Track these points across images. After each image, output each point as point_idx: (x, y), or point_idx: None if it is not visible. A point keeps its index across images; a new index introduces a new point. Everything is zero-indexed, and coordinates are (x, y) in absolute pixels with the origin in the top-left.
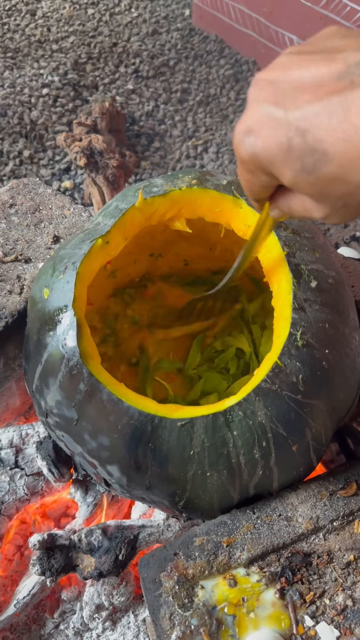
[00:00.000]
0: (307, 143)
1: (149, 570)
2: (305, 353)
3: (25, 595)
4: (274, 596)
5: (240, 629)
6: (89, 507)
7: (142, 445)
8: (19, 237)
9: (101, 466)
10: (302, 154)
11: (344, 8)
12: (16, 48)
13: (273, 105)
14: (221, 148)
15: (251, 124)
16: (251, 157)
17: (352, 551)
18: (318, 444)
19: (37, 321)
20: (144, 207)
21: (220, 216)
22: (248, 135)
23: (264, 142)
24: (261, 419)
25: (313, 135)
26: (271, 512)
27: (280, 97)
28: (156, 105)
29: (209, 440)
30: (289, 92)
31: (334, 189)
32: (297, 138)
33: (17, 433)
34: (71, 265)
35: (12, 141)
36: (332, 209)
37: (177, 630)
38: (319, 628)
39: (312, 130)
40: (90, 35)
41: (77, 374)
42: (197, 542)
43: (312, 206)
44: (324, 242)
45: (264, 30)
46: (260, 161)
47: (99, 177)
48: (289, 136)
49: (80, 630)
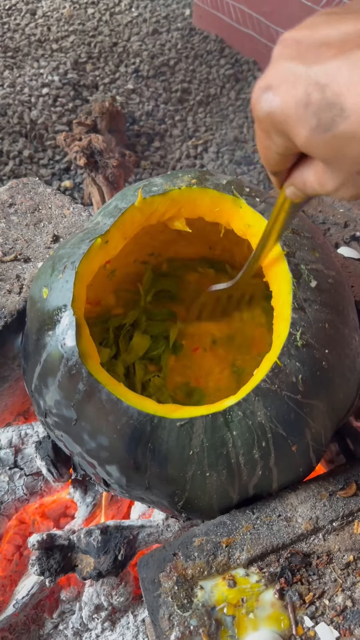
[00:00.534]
0: (326, 98)
1: (148, 570)
2: (305, 353)
3: (25, 595)
4: (273, 597)
5: (239, 630)
6: (88, 507)
7: (141, 445)
8: (18, 236)
9: (100, 466)
10: (319, 110)
11: None
12: (16, 47)
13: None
14: (221, 148)
15: (270, 80)
16: (267, 115)
17: (351, 552)
18: (318, 444)
19: (36, 321)
20: (143, 206)
21: (220, 216)
22: (266, 91)
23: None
24: (261, 419)
25: (332, 89)
26: (271, 513)
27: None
28: (156, 104)
29: (208, 441)
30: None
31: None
32: (315, 93)
33: (16, 433)
34: (70, 265)
35: (12, 141)
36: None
37: (176, 630)
38: (319, 629)
39: (331, 85)
40: (90, 35)
41: (76, 373)
42: (196, 543)
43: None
44: (323, 241)
45: (264, 30)
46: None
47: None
48: (308, 91)
49: (80, 631)
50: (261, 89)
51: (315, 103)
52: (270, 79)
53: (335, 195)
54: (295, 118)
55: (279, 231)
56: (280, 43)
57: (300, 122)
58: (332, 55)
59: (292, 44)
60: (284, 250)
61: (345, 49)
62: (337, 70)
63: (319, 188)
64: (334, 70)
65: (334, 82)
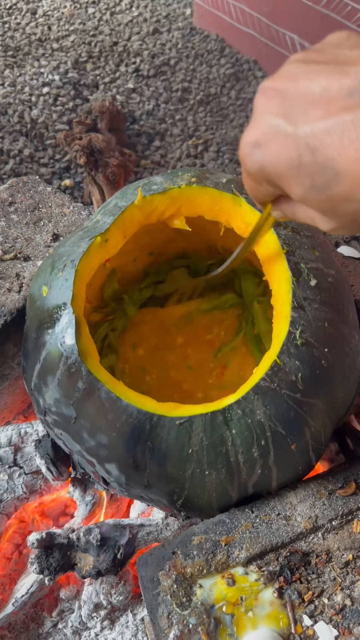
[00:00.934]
0: (318, 161)
1: (147, 569)
2: (305, 352)
3: (24, 594)
4: (272, 595)
5: (238, 628)
6: (87, 506)
7: (140, 443)
8: (18, 235)
9: (100, 464)
10: (313, 172)
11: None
12: (17, 47)
13: (282, 118)
14: (221, 147)
15: (259, 137)
16: (259, 170)
17: (350, 550)
18: (317, 443)
19: (35, 319)
20: (143, 205)
21: (220, 214)
22: (256, 148)
23: (273, 157)
24: (260, 418)
25: (324, 153)
26: (270, 511)
27: (289, 109)
28: (157, 104)
29: (207, 439)
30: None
31: (344, 207)
32: (307, 155)
33: (15, 431)
34: (70, 263)
35: (12, 140)
36: (341, 224)
37: (175, 629)
38: (318, 627)
39: (322, 149)
40: (90, 34)
41: (75, 372)
42: (195, 541)
43: (319, 219)
44: (323, 240)
45: (264, 30)
46: (268, 174)
47: (99, 176)
48: (299, 152)
49: (79, 629)
50: (250, 145)
51: (307, 165)
52: (258, 134)
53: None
54: (288, 177)
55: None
56: (262, 94)
57: (294, 181)
58: (319, 117)
59: (274, 96)
60: (283, 249)
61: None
62: (326, 135)
63: (310, 222)
64: (323, 134)
65: (325, 146)
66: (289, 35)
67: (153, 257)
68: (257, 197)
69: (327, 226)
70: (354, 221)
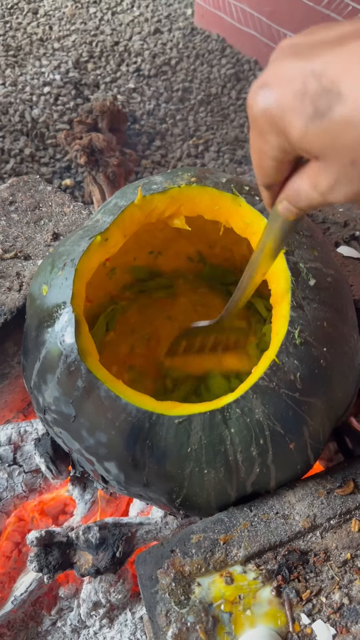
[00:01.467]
0: (322, 85)
1: (146, 567)
2: (303, 351)
3: (23, 592)
4: (270, 594)
5: (236, 627)
6: (86, 505)
7: (139, 442)
8: (18, 234)
9: (99, 463)
10: (316, 97)
11: (345, 7)
12: (18, 46)
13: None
14: (222, 147)
15: (267, 78)
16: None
17: (348, 549)
18: (316, 442)
19: (35, 318)
20: (143, 204)
21: (220, 214)
22: (263, 88)
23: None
24: (259, 417)
25: (329, 76)
26: (268, 510)
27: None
28: (157, 104)
29: (206, 438)
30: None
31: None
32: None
33: (15, 430)
34: (70, 262)
35: (13, 139)
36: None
37: (174, 627)
38: (315, 626)
39: (327, 72)
40: (91, 34)
41: (75, 370)
42: (194, 540)
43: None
44: (323, 240)
45: (265, 30)
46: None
47: (100, 176)
48: (305, 81)
49: (78, 628)
50: (257, 86)
51: (311, 92)
52: (266, 77)
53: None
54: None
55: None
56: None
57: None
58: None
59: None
60: (283, 248)
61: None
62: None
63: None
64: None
65: (331, 69)
66: (290, 36)
67: (153, 257)
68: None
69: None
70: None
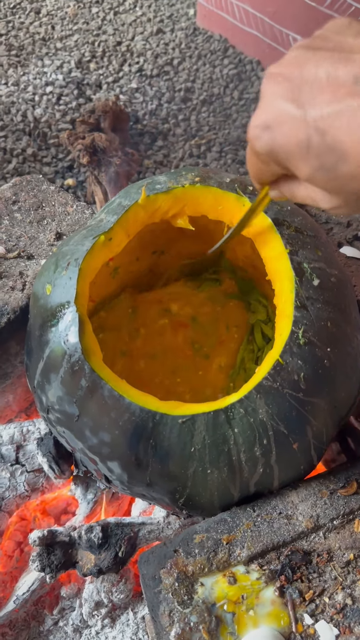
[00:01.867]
0: (327, 144)
1: (149, 567)
2: (307, 351)
3: (25, 591)
4: (273, 594)
5: (239, 627)
6: (89, 504)
7: (143, 441)
8: (21, 233)
9: (102, 462)
10: (321, 153)
11: (348, 8)
12: (20, 46)
13: (290, 102)
14: (224, 147)
15: (268, 120)
16: (268, 152)
17: (352, 550)
18: (319, 442)
19: (39, 317)
20: (146, 204)
21: (223, 214)
22: (265, 130)
23: (283, 139)
24: (262, 417)
25: (333, 136)
26: (271, 510)
27: (297, 94)
28: (160, 104)
29: (209, 438)
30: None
31: (350, 186)
32: (316, 137)
33: (18, 429)
34: (74, 262)
35: (15, 139)
36: (344, 202)
37: (176, 627)
38: (318, 626)
39: (331, 131)
40: (94, 34)
41: (78, 370)
42: (197, 540)
43: (321, 197)
44: (326, 240)
45: (268, 30)
46: (277, 156)
47: (102, 175)
48: (309, 135)
49: (79, 627)
50: (259, 128)
51: (316, 146)
52: (267, 117)
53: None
54: (297, 158)
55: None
56: (270, 79)
57: (303, 162)
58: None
59: (282, 81)
60: (286, 248)
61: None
62: (335, 118)
63: (309, 202)
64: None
65: (334, 129)
66: (292, 36)
67: (156, 256)
68: (261, 178)
69: (329, 204)
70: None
